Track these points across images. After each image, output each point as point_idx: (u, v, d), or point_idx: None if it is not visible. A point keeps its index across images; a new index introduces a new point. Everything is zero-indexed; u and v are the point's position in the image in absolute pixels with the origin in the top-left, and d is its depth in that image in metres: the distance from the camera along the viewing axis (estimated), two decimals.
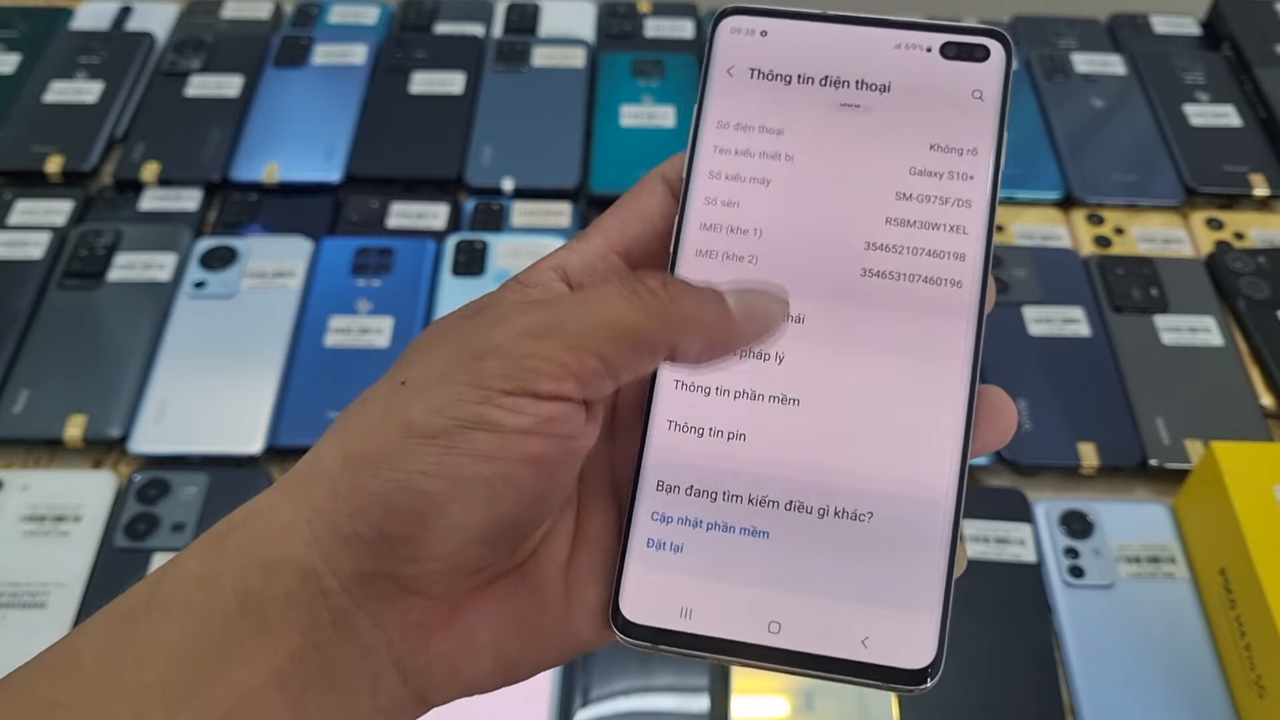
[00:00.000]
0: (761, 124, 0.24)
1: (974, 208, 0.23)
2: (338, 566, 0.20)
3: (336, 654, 0.20)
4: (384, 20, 0.82)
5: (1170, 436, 0.58)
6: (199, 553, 0.21)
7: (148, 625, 0.20)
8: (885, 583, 0.22)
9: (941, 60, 0.24)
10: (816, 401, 0.23)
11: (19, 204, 0.68)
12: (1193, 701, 0.49)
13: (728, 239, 0.24)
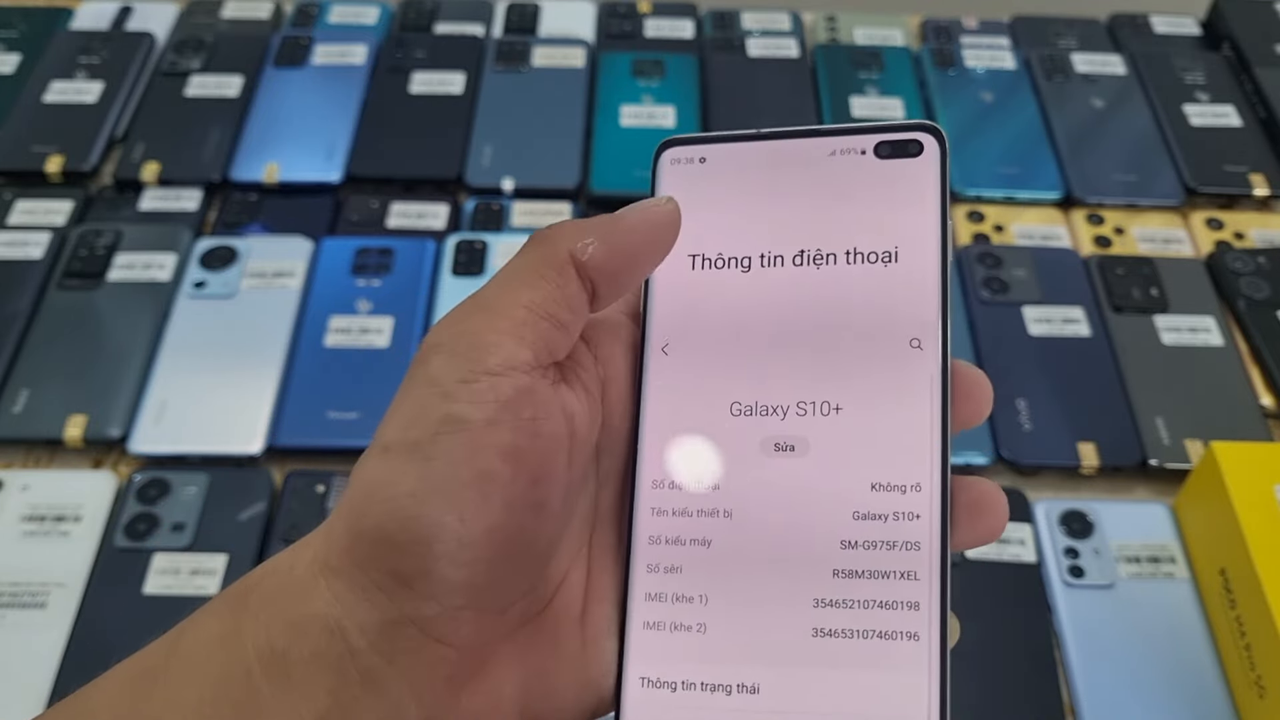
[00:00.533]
0: (705, 245, 0.25)
1: (926, 299, 0.23)
2: (362, 622, 0.20)
3: (363, 714, 0.20)
4: (384, 20, 0.82)
5: (1170, 436, 0.58)
6: (219, 611, 0.20)
7: (165, 685, 0.19)
8: (881, 651, 0.22)
9: (876, 160, 0.24)
10: (802, 432, 0.23)
11: (19, 204, 0.69)
12: (1193, 701, 0.49)
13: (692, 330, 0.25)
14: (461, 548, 0.20)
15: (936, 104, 0.76)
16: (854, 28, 0.83)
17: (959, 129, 0.74)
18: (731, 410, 0.24)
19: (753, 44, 0.79)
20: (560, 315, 0.22)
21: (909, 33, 0.83)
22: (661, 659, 0.22)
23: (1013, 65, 0.79)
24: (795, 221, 0.24)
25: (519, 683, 0.22)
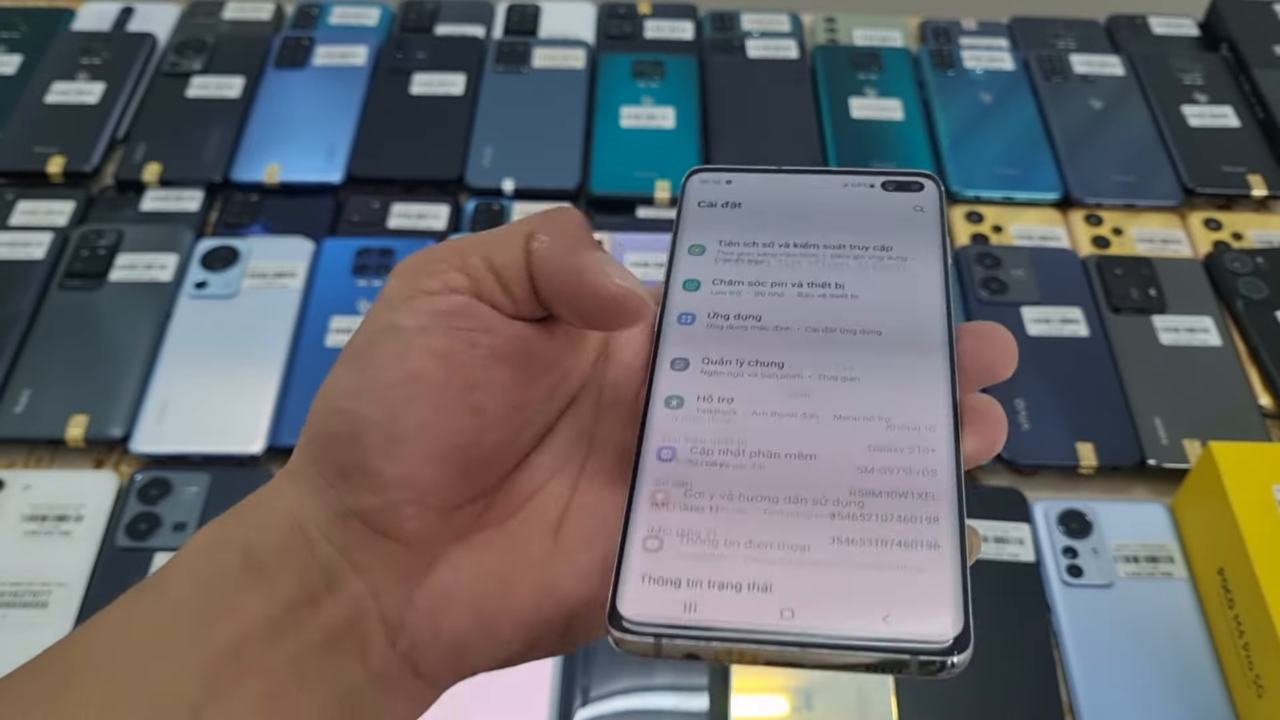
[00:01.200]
0: (734, 239, 0.28)
1: (933, 291, 0.26)
2: (316, 516, 0.22)
3: (327, 606, 0.21)
4: (385, 21, 0.82)
5: (1168, 436, 0.58)
6: (212, 527, 0.22)
7: (159, 590, 0.21)
8: (898, 555, 0.22)
9: (884, 191, 0.29)
10: (819, 387, 0.24)
11: (21, 204, 0.69)
12: (1191, 701, 0.49)
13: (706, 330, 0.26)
14: (390, 442, 0.21)
15: (935, 105, 0.76)
16: (853, 29, 0.83)
17: (958, 130, 0.75)
18: (749, 361, 0.25)
19: (752, 45, 0.80)
20: (502, 273, 0.23)
21: (908, 34, 0.83)
22: (665, 559, 0.22)
23: (1011, 66, 0.79)
24: (812, 224, 0.28)
25: (472, 580, 0.22)
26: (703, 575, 0.22)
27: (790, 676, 0.50)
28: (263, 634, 0.20)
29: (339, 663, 0.21)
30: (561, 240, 0.23)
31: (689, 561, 0.22)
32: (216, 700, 0.20)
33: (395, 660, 0.22)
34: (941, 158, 0.73)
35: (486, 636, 0.22)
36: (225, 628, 0.20)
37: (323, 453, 0.22)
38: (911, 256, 0.27)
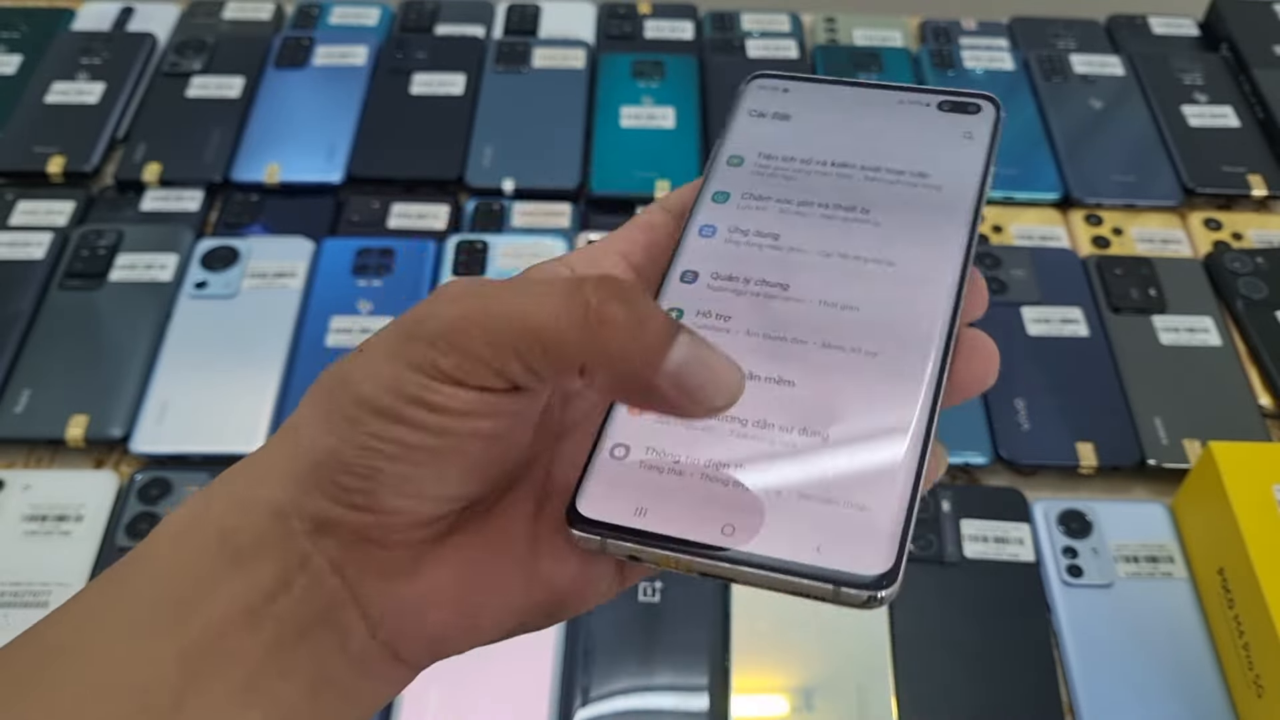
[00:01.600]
0: (774, 153, 0.28)
1: (960, 215, 0.26)
2: (301, 509, 0.21)
3: (305, 597, 0.21)
4: (385, 21, 0.82)
5: (1168, 436, 0.58)
6: (191, 502, 0.22)
7: (138, 568, 0.21)
8: (846, 490, 0.22)
9: (939, 111, 0.29)
10: (816, 314, 0.25)
11: (20, 204, 0.69)
12: (1191, 701, 0.49)
13: (726, 245, 0.26)
14: (406, 486, 0.21)
15: None
16: (853, 29, 0.83)
17: None
18: (755, 280, 0.25)
19: (752, 45, 0.80)
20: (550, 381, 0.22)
21: (908, 34, 0.83)
22: (627, 468, 0.23)
23: (1011, 66, 0.79)
24: (854, 144, 0.28)
25: (455, 575, 0.22)
26: (657, 486, 0.23)
27: (791, 677, 0.50)
28: (242, 622, 0.20)
29: (318, 652, 0.21)
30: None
31: (648, 472, 0.23)
32: (197, 687, 0.20)
33: (375, 649, 0.22)
34: None
35: (469, 627, 0.23)
36: (205, 614, 0.20)
37: (330, 469, 0.21)
38: (946, 186, 0.27)
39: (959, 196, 0.27)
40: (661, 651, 0.50)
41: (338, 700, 0.22)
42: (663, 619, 0.51)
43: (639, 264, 0.26)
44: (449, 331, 0.20)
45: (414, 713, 0.48)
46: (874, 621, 0.51)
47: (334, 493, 0.21)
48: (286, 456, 0.22)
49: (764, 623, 0.51)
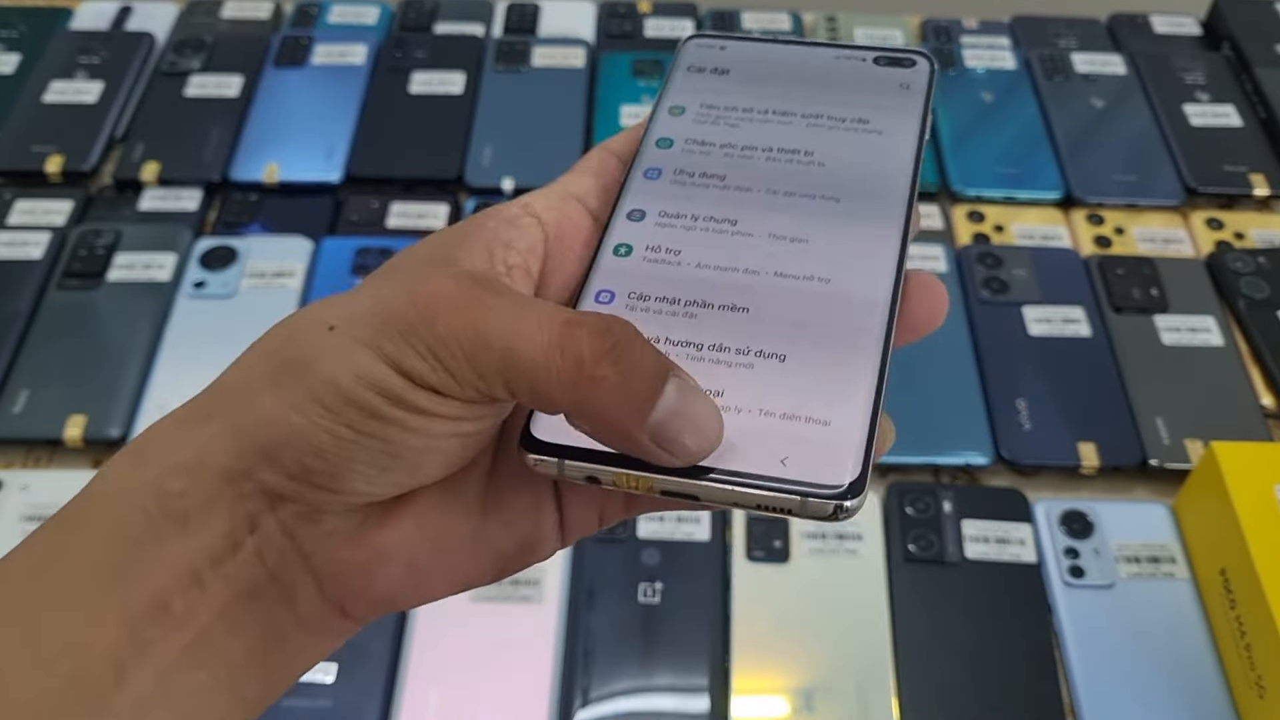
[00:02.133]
0: (715, 104, 0.28)
1: (902, 165, 0.27)
2: (257, 477, 0.21)
3: (254, 560, 0.21)
4: (384, 20, 0.82)
5: (1170, 436, 0.58)
6: (119, 464, 0.21)
7: (75, 533, 0.21)
8: (808, 406, 0.22)
9: (875, 65, 0.29)
10: (766, 246, 0.25)
11: (19, 204, 0.69)
12: (1193, 702, 0.49)
13: (672, 184, 0.27)
14: (370, 471, 0.21)
15: (936, 104, 0.76)
16: (854, 28, 0.83)
17: (959, 129, 0.74)
18: (704, 216, 0.26)
19: None
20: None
21: (909, 33, 0.83)
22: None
23: (1013, 65, 0.79)
24: (794, 93, 0.28)
25: (403, 537, 0.22)
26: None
27: (791, 677, 0.49)
28: (187, 585, 0.20)
29: (266, 612, 0.21)
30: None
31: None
32: (140, 652, 0.20)
33: (323, 606, 0.22)
34: (943, 157, 0.73)
35: (417, 586, 0.23)
36: (148, 579, 0.20)
37: (296, 449, 0.20)
38: (887, 131, 0.27)
39: (900, 140, 0.27)
40: (661, 652, 0.50)
41: (285, 656, 0.22)
42: (663, 619, 0.51)
43: (595, 209, 0.26)
44: (437, 346, 0.20)
45: (414, 713, 0.47)
46: (875, 622, 0.51)
47: (295, 471, 0.21)
48: (236, 426, 0.21)
49: (764, 623, 0.51)
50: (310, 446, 0.20)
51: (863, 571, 0.53)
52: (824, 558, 0.53)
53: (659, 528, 0.54)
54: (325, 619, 0.22)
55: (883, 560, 0.53)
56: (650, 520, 0.54)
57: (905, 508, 0.55)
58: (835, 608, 0.51)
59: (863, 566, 0.53)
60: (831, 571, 0.52)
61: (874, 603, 0.52)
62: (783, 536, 0.53)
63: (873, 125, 0.27)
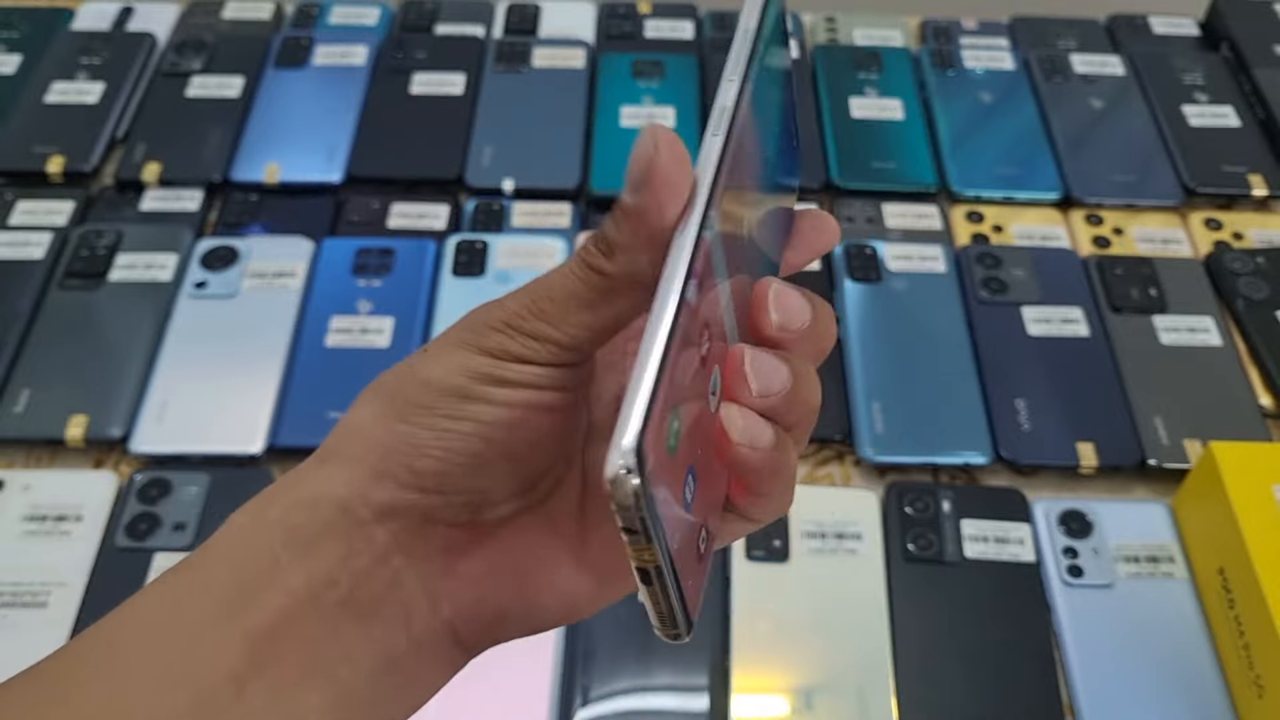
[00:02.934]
0: None
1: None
2: (369, 498, 0.22)
3: (370, 579, 0.22)
4: (384, 21, 0.82)
5: (1169, 436, 0.58)
6: (246, 511, 0.23)
7: (201, 567, 0.22)
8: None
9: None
10: None
11: (20, 204, 0.69)
12: (1191, 701, 0.49)
13: None
14: (478, 464, 0.23)
15: (936, 105, 0.76)
16: (853, 28, 0.83)
17: (958, 129, 0.74)
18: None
19: None
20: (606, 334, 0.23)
21: (908, 33, 0.83)
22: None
23: (1012, 66, 0.79)
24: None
25: (516, 555, 0.24)
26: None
27: (791, 677, 0.50)
28: (305, 607, 0.21)
29: (382, 630, 0.22)
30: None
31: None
32: (259, 671, 0.21)
33: (437, 626, 0.23)
34: (942, 157, 0.73)
35: (528, 605, 0.24)
36: (267, 601, 0.21)
37: (404, 455, 0.22)
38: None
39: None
40: (661, 651, 0.50)
41: (396, 683, 0.23)
42: None
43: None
44: (511, 319, 0.22)
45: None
46: (874, 621, 0.51)
47: (406, 477, 0.22)
48: (349, 457, 0.23)
49: (764, 622, 0.51)
50: (416, 448, 0.22)
51: (862, 571, 0.53)
52: (824, 557, 0.53)
53: None
54: (440, 644, 0.24)
55: (882, 560, 0.53)
56: None
57: (904, 507, 0.55)
58: (835, 607, 0.52)
59: (862, 566, 0.53)
60: (831, 571, 0.53)
61: (873, 602, 0.52)
62: (782, 536, 0.53)
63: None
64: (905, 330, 0.62)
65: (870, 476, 0.58)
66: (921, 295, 0.64)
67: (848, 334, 0.62)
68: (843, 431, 0.58)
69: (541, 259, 0.65)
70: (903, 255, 0.66)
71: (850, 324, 0.62)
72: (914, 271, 0.65)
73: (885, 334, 0.62)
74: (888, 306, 0.63)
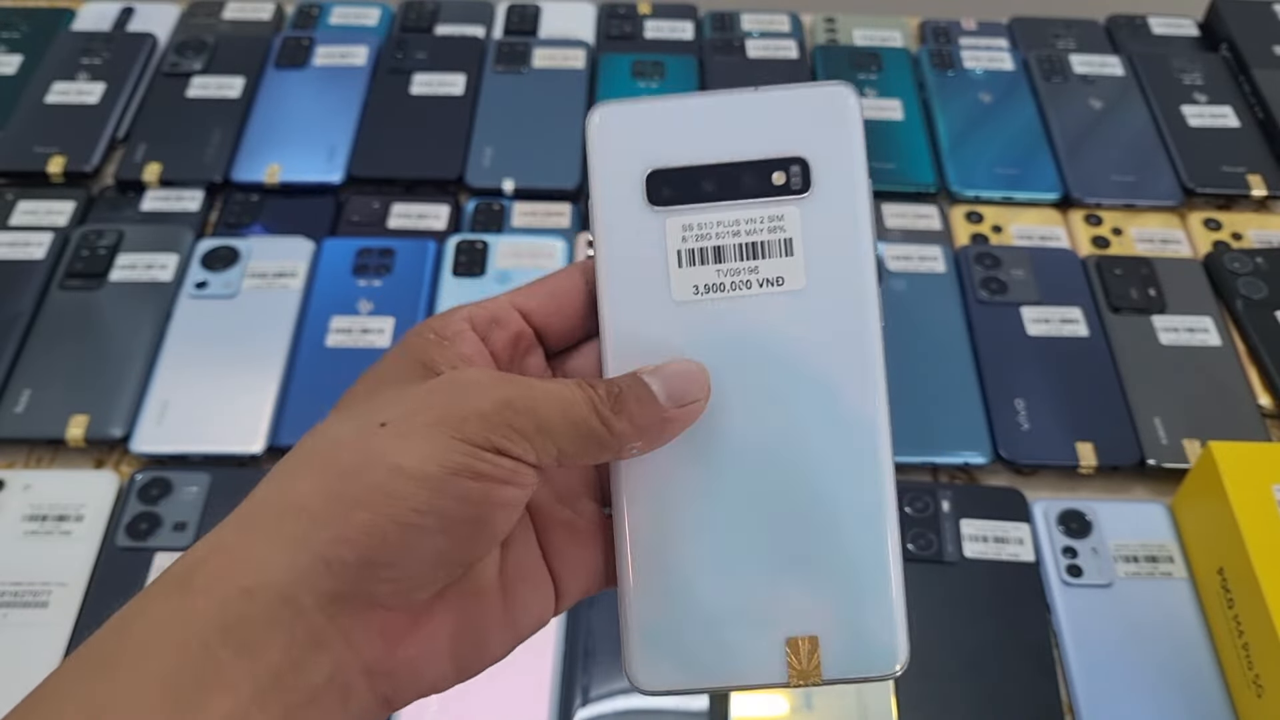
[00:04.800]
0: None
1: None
2: (315, 587, 0.22)
3: (312, 668, 0.22)
4: (385, 21, 0.82)
5: (1168, 436, 0.58)
6: (164, 593, 0.22)
7: (128, 668, 0.21)
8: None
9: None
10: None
11: (21, 204, 0.69)
12: (1190, 700, 0.49)
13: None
14: (433, 556, 0.23)
15: (935, 105, 0.76)
16: (853, 29, 0.83)
17: (958, 130, 0.75)
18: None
19: (752, 45, 0.80)
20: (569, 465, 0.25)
21: (908, 34, 0.83)
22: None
23: (1011, 66, 0.79)
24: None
25: (449, 631, 0.24)
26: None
27: None
28: (249, 706, 0.21)
29: (322, 712, 0.22)
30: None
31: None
32: None
33: (372, 702, 0.23)
34: (941, 158, 0.73)
35: (460, 676, 0.25)
36: (213, 706, 0.20)
37: (361, 546, 0.22)
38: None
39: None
40: None
41: None
42: None
43: (535, 320, 0.28)
44: (497, 412, 0.23)
45: (414, 713, 0.48)
46: None
47: (357, 567, 0.22)
48: (289, 537, 0.22)
49: None
50: (373, 538, 0.22)
51: None
52: None
53: None
54: (371, 712, 0.24)
55: None
56: None
57: (904, 507, 0.55)
58: None
59: None
60: None
61: None
62: None
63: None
64: (905, 330, 0.62)
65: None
66: (921, 295, 0.64)
67: None
68: None
69: (542, 259, 0.65)
70: (902, 255, 0.66)
71: None
72: (913, 272, 0.65)
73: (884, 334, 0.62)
74: (887, 307, 0.64)
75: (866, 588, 0.25)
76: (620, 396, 0.24)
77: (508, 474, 0.23)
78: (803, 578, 0.25)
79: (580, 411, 0.24)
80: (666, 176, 0.27)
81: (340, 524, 0.22)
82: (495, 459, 0.23)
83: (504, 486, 0.23)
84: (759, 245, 0.26)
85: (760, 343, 0.26)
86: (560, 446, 0.23)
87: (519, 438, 0.23)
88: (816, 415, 0.26)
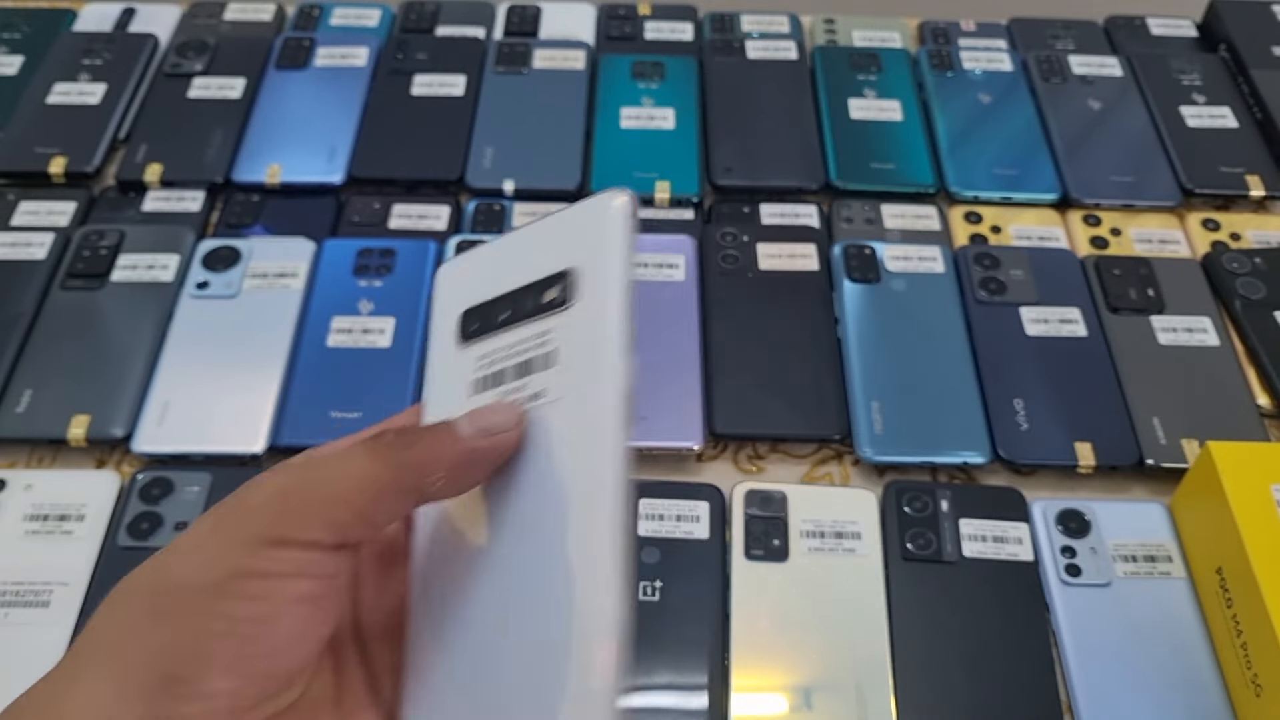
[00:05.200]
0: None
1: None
2: (120, 714, 0.21)
3: None
4: (385, 22, 0.83)
5: (1167, 436, 0.58)
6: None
7: None
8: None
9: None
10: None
11: (22, 205, 0.69)
12: (1189, 700, 0.50)
13: None
14: (234, 664, 0.22)
15: (934, 106, 0.76)
16: (852, 30, 0.83)
17: (956, 130, 0.75)
18: None
19: (752, 46, 0.80)
20: (383, 524, 0.25)
21: (907, 35, 0.83)
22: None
23: (1010, 67, 0.79)
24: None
25: None
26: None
27: (790, 676, 0.50)
28: None
29: None
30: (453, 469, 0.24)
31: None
32: None
33: None
34: (940, 158, 0.73)
35: None
36: None
37: (159, 664, 0.21)
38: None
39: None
40: (661, 650, 0.50)
41: None
42: (662, 618, 0.51)
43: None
44: (272, 502, 0.22)
45: None
46: (873, 620, 0.51)
47: (159, 689, 0.21)
48: (105, 675, 0.22)
49: (763, 621, 0.51)
50: (174, 655, 0.21)
51: (861, 570, 0.53)
52: (822, 556, 0.53)
53: (658, 526, 0.54)
54: None
55: (881, 559, 0.53)
56: (650, 519, 0.54)
57: (903, 506, 0.55)
58: (834, 606, 0.52)
59: (861, 565, 0.53)
60: (830, 570, 0.53)
61: (872, 601, 0.52)
62: (781, 535, 0.54)
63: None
64: (904, 330, 0.63)
65: (869, 476, 0.58)
66: (920, 295, 0.64)
67: (847, 334, 0.62)
68: (841, 431, 0.58)
69: None
70: (901, 255, 0.66)
71: (849, 324, 0.63)
72: (913, 272, 0.65)
73: (884, 334, 0.62)
74: (886, 307, 0.64)
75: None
76: (408, 432, 0.24)
77: (297, 566, 0.22)
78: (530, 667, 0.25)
79: (364, 464, 0.23)
80: (471, 314, 0.28)
81: (137, 649, 0.22)
82: (275, 554, 0.22)
83: (293, 580, 0.22)
84: (529, 362, 0.27)
85: (522, 455, 0.26)
86: (357, 508, 0.23)
87: (303, 522, 0.22)
88: (553, 525, 0.25)
